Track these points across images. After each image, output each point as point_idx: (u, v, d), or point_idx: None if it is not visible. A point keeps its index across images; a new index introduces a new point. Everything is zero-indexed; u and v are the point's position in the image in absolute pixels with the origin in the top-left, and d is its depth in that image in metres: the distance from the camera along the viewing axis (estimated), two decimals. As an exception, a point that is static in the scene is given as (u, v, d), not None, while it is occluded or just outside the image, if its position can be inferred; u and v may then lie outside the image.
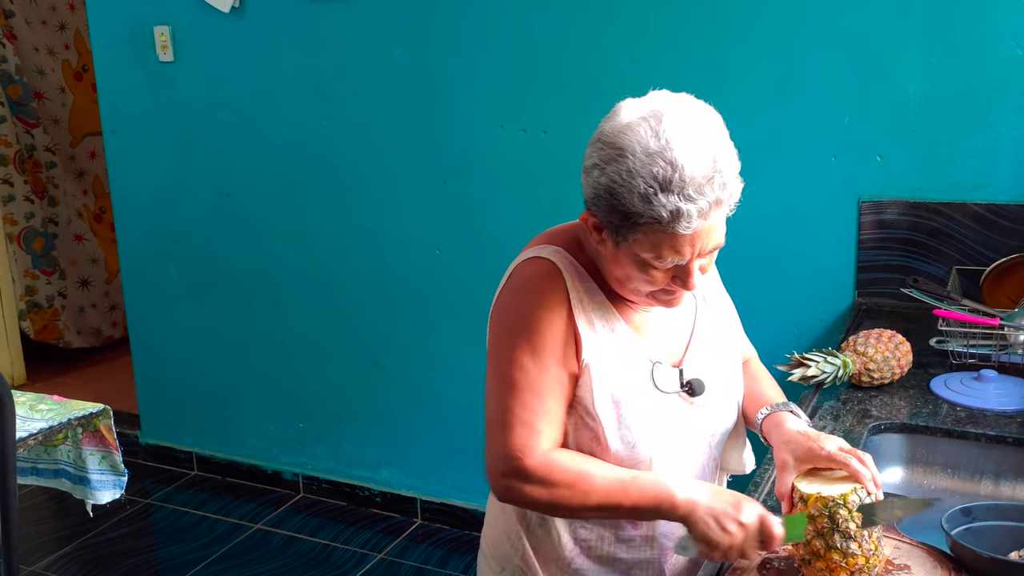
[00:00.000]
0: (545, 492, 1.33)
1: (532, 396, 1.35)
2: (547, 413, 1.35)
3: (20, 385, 4.56)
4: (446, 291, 3.17)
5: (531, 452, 1.33)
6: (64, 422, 2.18)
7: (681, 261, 1.28)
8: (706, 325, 1.51)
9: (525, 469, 1.33)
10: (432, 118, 3.05)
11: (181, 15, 3.35)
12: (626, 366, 1.39)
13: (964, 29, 2.38)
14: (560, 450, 1.37)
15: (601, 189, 1.27)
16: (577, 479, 1.32)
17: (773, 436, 1.44)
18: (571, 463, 1.34)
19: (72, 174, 4.94)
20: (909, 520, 1.36)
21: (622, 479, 1.32)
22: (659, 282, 1.32)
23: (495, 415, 1.37)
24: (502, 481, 1.35)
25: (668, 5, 2.67)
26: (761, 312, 2.66)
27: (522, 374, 1.35)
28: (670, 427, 1.41)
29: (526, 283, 1.40)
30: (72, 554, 3.26)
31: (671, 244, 1.26)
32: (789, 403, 1.51)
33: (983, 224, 2.41)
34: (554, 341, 1.36)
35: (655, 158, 1.22)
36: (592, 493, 1.32)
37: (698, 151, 1.23)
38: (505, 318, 1.40)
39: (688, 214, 1.22)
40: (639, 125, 1.24)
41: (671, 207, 1.22)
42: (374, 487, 3.48)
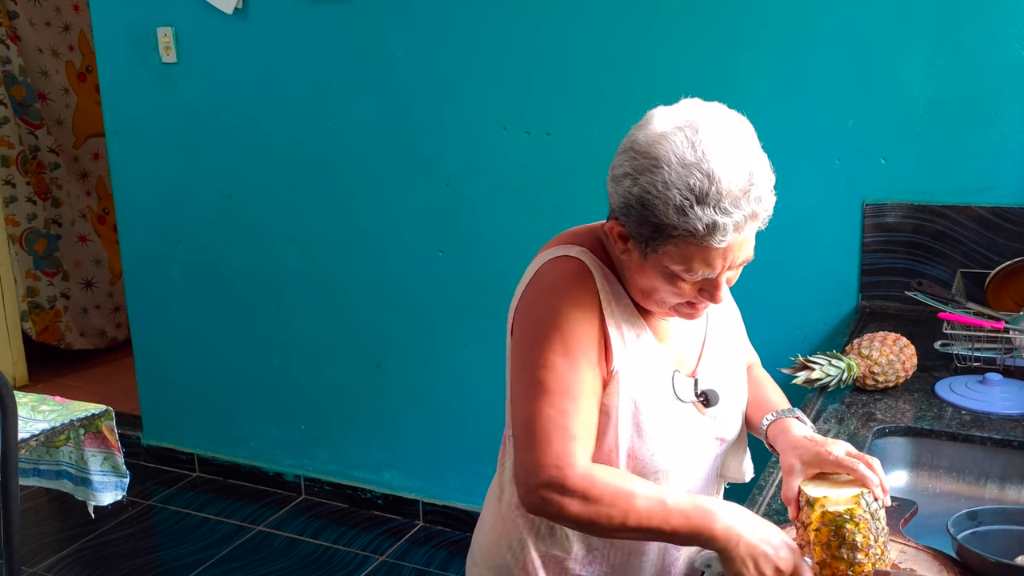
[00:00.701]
0: (584, 508, 1.26)
1: (567, 399, 1.28)
2: (583, 417, 1.29)
3: (22, 386, 4.56)
4: (448, 293, 3.17)
5: (572, 463, 1.26)
6: (66, 423, 2.17)
7: (711, 274, 1.27)
8: (717, 334, 1.50)
9: (564, 482, 1.25)
10: (435, 120, 3.05)
11: (184, 16, 3.35)
12: (649, 374, 1.37)
13: (969, 32, 2.37)
14: (599, 465, 1.31)
15: (633, 199, 1.24)
16: (618, 497, 1.25)
17: (779, 441, 1.42)
18: (612, 479, 1.27)
19: (75, 175, 4.94)
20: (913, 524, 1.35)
21: (664, 502, 1.25)
22: (686, 294, 1.30)
23: (528, 422, 1.29)
24: (539, 493, 1.27)
25: (673, 7, 2.66)
26: (765, 315, 2.65)
27: (554, 377, 1.29)
28: (684, 437, 1.40)
29: (555, 282, 1.34)
30: (74, 555, 3.25)
31: (703, 257, 1.24)
32: (794, 409, 1.49)
33: (988, 227, 2.41)
34: (586, 342, 1.31)
35: (691, 169, 1.19)
36: (632, 514, 1.25)
37: (735, 163, 1.21)
38: (532, 319, 1.34)
39: (724, 227, 1.20)
40: (674, 135, 1.22)
41: (707, 220, 1.19)
42: (376, 489, 3.47)
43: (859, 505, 1.25)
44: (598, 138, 2.82)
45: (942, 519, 1.38)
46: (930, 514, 1.51)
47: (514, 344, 1.37)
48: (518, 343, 1.36)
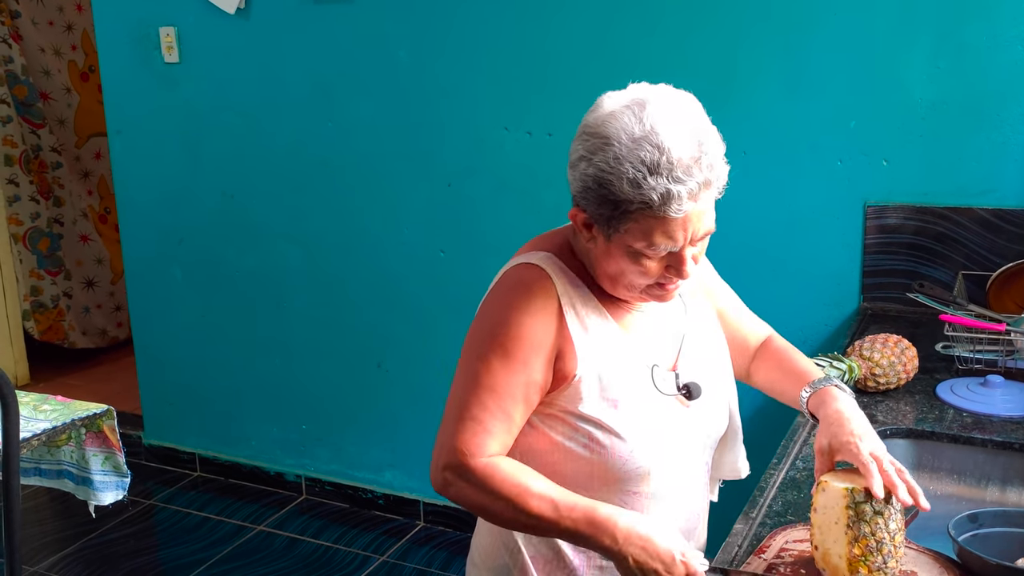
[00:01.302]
0: (480, 497, 1.33)
1: (492, 397, 1.34)
2: (503, 417, 1.34)
3: (24, 385, 4.57)
4: (449, 293, 3.17)
5: (477, 451, 1.33)
6: (67, 423, 2.17)
7: (674, 247, 1.28)
8: (697, 329, 1.50)
9: (467, 467, 1.33)
10: (436, 120, 3.05)
11: (187, 16, 3.35)
12: (623, 369, 1.38)
13: (971, 33, 2.37)
14: (506, 458, 1.36)
15: (590, 180, 1.28)
16: (514, 494, 1.31)
17: (820, 413, 1.42)
18: (513, 475, 1.33)
19: (77, 174, 4.94)
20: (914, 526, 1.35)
21: (557, 506, 1.31)
22: (653, 273, 1.31)
23: (452, 408, 1.37)
24: (443, 473, 1.35)
25: (674, 8, 2.66)
26: (766, 316, 2.63)
27: (488, 373, 1.34)
28: (668, 432, 1.40)
29: (511, 288, 1.39)
30: (75, 555, 3.26)
31: (663, 229, 1.26)
32: (831, 378, 1.48)
33: (989, 229, 2.41)
34: (529, 349, 1.34)
35: (641, 143, 1.23)
36: (523, 512, 1.31)
37: (683, 134, 1.24)
38: (484, 319, 1.40)
39: (678, 195, 1.23)
40: (622, 113, 1.26)
41: (661, 189, 1.22)
42: (377, 489, 3.48)
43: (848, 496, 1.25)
44: (600, 139, 2.81)
45: (943, 521, 1.38)
46: (931, 516, 1.51)
47: (465, 338, 1.43)
48: (469, 336, 1.42)
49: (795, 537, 1.42)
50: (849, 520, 1.25)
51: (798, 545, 1.39)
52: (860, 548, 1.25)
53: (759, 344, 1.63)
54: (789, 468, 1.65)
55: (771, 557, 1.37)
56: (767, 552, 1.38)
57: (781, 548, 1.39)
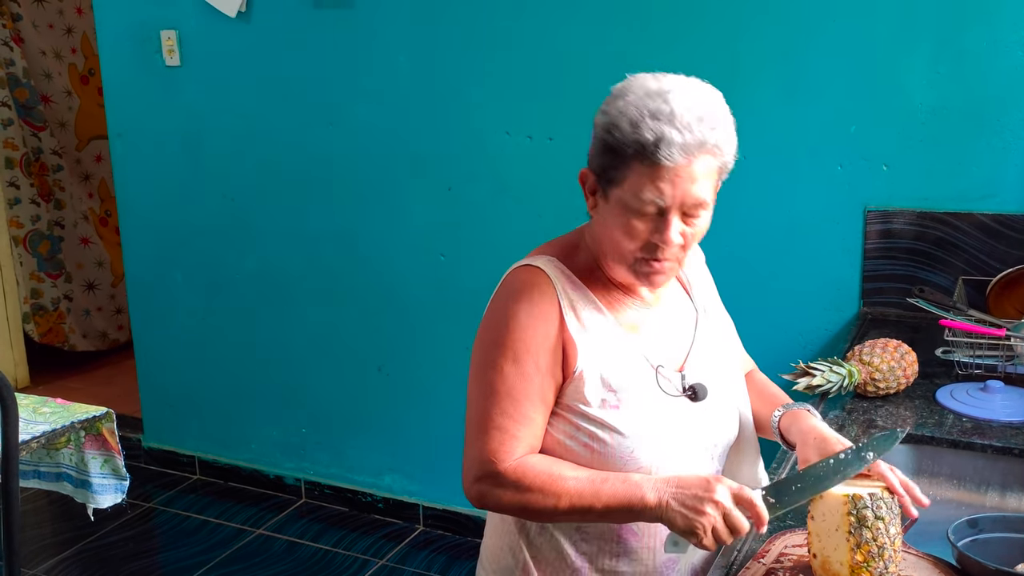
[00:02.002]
0: (517, 496, 1.34)
1: (510, 402, 1.36)
2: (525, 419, 1.36)
3: (23, 388, 4.56)
4: (450, 297, 3.17)
5: (505, 456, 1.35)
6: (67, 425, 2.17)
7: (660, 200, 1.29)
8: (706, 335, 1.51)
9: (498, 473, 1.34)
10: (437, 124, 3.06)
11: (188, 19, 3.35)
12: (625, 367, 1.39)
13: (972, 38, 2.37)
14: (534, 455, 1.37)
15: (599, 129, 1.33)
16: (548, 482, 1.32)
17: (792, 432, 1.45)
18: (543, 466, 1.34)
19: (78, 177, 4.95)
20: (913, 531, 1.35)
21: (593, 480, 1.32)
22: (640, 234, 1.32)
23: (473, 420, 1.39)
24: (475, 486, 1.37)
25: (674, 12, 2.66)
26: (766, 321, 2.65)
27: (502, 380, 1.37)
28: (672, 431, 1.40)
29: (513, 291, 1.41)
30: (73, 558, 3.25)
31: (652, 178, 1.28)
32: (804, 403, 1.52)
33: (990, 234, 2.41)
34: (537, 349, 1.36)
35: (652, 95, 1.29)
36: (563, 496, 1.32)
37: (694, 100, 1.29)
38: (490, 325, 1.42)
39: (671, 140, 1.26)
40: (645, 77, 1.34)
41: (657, 131, 1.26)
42: (376, 493, 3.47)
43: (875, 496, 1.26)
44: (600, 143, 2.81)
45: (942, 526, 1.38)
46: (930, 521, 1.51)
47: (473, 347, 1.45)
48: (476, 346, 1.44)
49: (794, 542, 1.42)
50: (851, 527, 1.25)
51: (797, 550, 1.39)
52: (862, 554, 1.25)
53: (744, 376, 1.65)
54: (789, 472, 1.64)
55: (770, 562, 1.37)
56: (766, 557, 1.38)
57: (780, 553, 1.39)
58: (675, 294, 1.51)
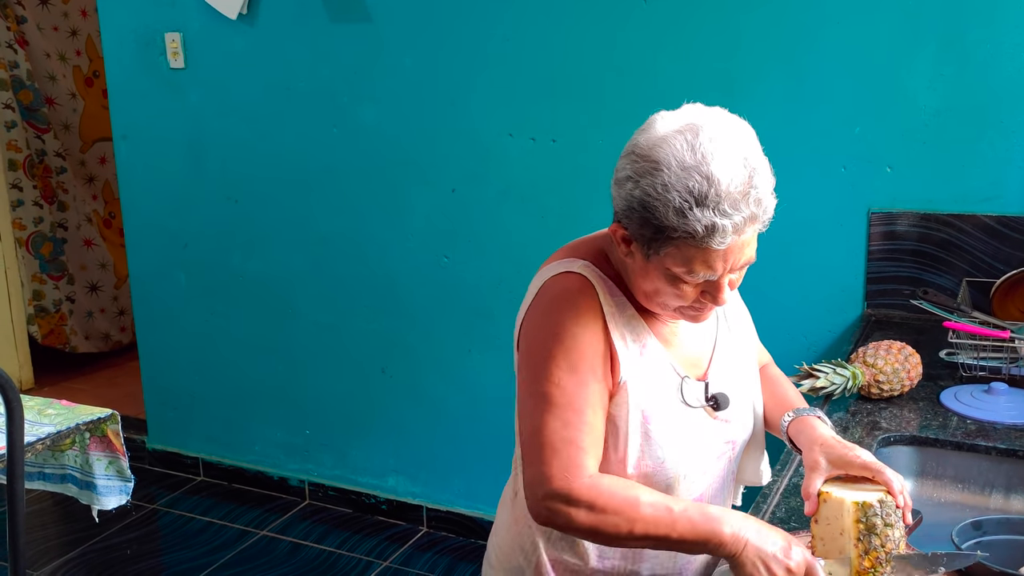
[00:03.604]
0: (591, 518, 1.27)
1: (572, 413, 1.30)
2: (588, 428, 1.31)
3: (28, 389, 4.57)
4: (454, 299, 3.17)
5: (577, 474, 1.28)
6: (72, 427, 2.18)
7: (712, 276, 1.27)
8: (728, 339, 1.50)
9: (570, 492, 1.27)
10: (441, 126, 3.06)
11: (192, 22, 3.36)
12: (657, 381, 1.38)
13: (975, 40, 2.37)
14: (605, 475, 1.32)
15: (635, 202, 1.25)
16: (624, 506, 1.27)
17: (801, 438, 1.43)
18: (618, 488, 1.28)
19: (82, 179, 4.95)
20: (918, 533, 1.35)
21: (670, 509, 1.27)
22: (689, 297, 1.30)
23: (535, 435, 1.31)
24: (546, 504, 1.29)
25: (678, 15, 2.67)
26: (770, 322, 2.64)
27: (560, 391, 1.31)
28: (695, 442, 1.40)
29: (558, 298, 1.36)
30: (78, 559, 3.26)
31: (703, 259, 1.25)
32: (815, 408, 1.50)
33: (993, 236, 2.40)
34: (591, 356, 1.32)
35: (691, 172, 1.21)
36: (638, 522, 1.27)
37: (734, 166, 1.22)
38: (537, 335, 1.36)
39: (723, 229, 1.21)
40: (675, 138, 1.23)
41: (706, 222, 1.21)
42: (380, 494, 3.48)
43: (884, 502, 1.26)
44: (603, 145, 2.82)
45: (947, 529, 1.38)
46: (935, 523, 1.51)
47: (521, 360, 1.39)
48: (524, 359, 1.37)
49: (807, 541, 1.41)
50: (860, 534, 1.25)
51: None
52: (871, 561, 1.25)
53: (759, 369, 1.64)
54: (792, 475, 1.65)
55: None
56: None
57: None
58: None
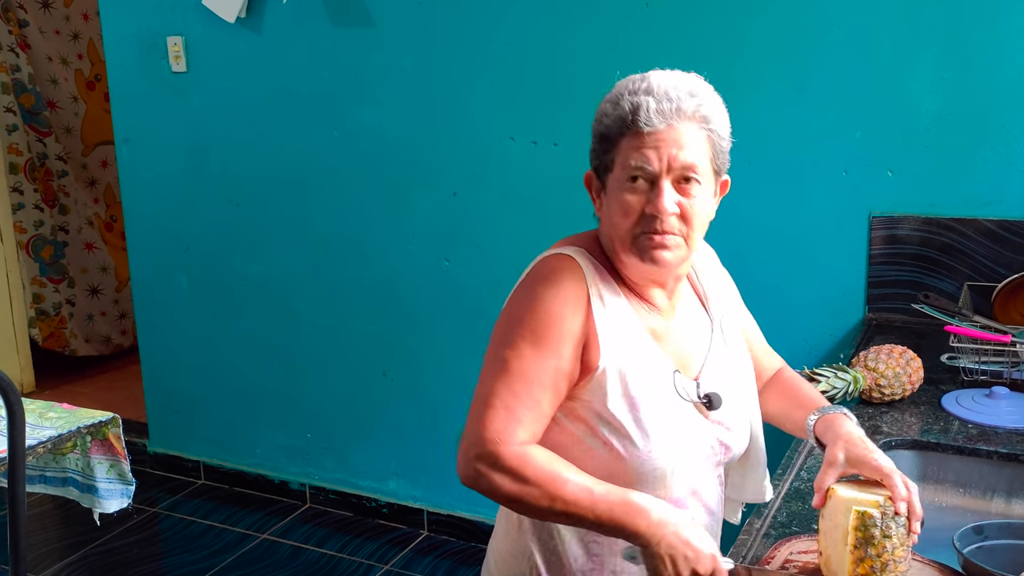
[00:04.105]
0: (513, 486, 1.30)
1: (522, 384, 1.33)
2: (533, 404, 1.33)
3: (29, 393, 4.57)
4: (455, 302, 3.17)
5: (509, 440, 1.31)
6: (73, 430, 2.18)
7: (648, 165, 1.32)
8: (722, 349, 1.51)
9: (498, 456, 1.31)
10: (442, 129, 3.06)
11: (194, 26, 3.36)
12: (645, 369, 1.39)
13: (976, 44, 2.37)
14: (537, 447, 1.34)
15: (593, 124, 1.40)
16: (547, 480, 1.30)
17: (829, 434, 1.42)
18: (546, 462, 1.31)
19: (83, 183, 4.96)
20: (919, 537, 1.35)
21: (591, 490, 1.30)
22: (634, 207, 1.34)
23: (481, 397, 1.35)
24: (474, 464, 1.32)
25: (679, 18, 2.67)
26: (771, 326, 2.63)
27: (518, 360, 1.34)
28: (685, 436, 1.40)
29: (543, 276, 1.39)
30: (79, 562, 3.26)
31: (636, 147, 1.33)
32: (841, 406, 1.50)
33: (995, 240, 2.41)
34: (560, 337, 1.35)
35: (635, 80, 1.37)
36: (559, 499, 1.29)
37: (675, 78, 1.36)
38: (515, 306, 1.39)
39: (647, 106, 1.32)
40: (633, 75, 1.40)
41: (634, 102, 1.33)
42: (381, 498, 3.47)
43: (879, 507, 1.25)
44: (605, 149, 2.82)
45: (948, 533, 1.38)
46: (936, 528, 1.51)
47: (495, 325, 1.42)
48: (497, 326, 1.41)
49: (800, 548, 1.42)
50: (856, 541, 1.25)
51: (803, 556, 1.39)
52: (865, 568, 1.25)
53: (771, 375, 1.64)
54: (794, 479, 1.65)
55: (776, 567, 1.37)
56: (772, 563, 1.38)
57: (786, 559, 1.39)
58: (691, 305, 1.50)
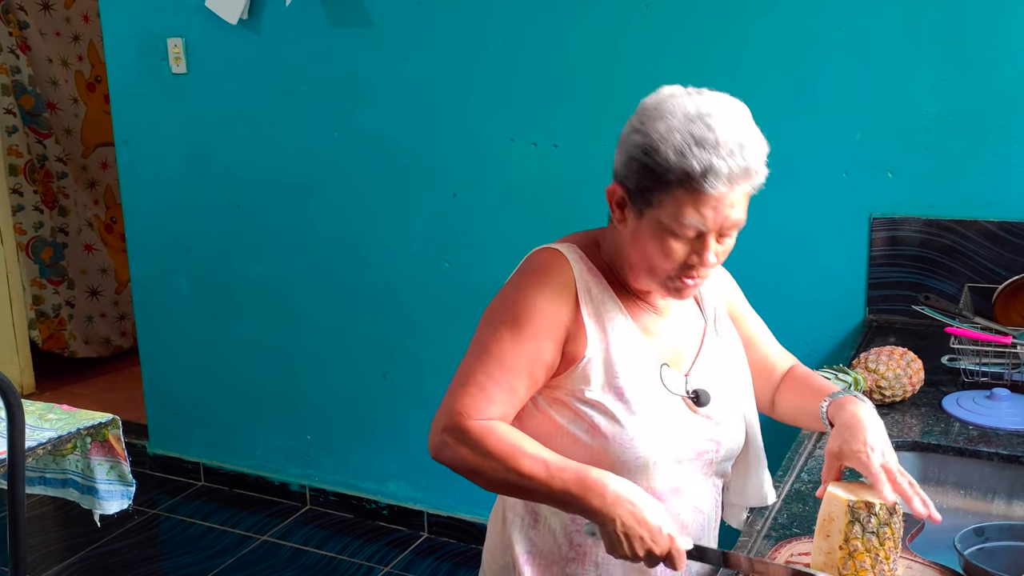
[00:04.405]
0: (474, 458, 1.33)
1: (498, 367, 1.36)
2: (507, 386, 1.36)
3: (29, 394, 4.57)
4: (455, 304, 3.17)
5: (475, 414, 1.34)
6: (73, 432, 2.18)
7: (702, 226, 1.30)
8: (715, 345, 1.51)
9: (463, 428, 1.34)
10: (442, 130, 3.06)
11: (195, 27, 3.37)
12: (632, 361, 1.40)
13: (976, 46, 2.38)
14: (503, 423, 1.36)
15: (637, 150, 1.31)
16: (507, 454, 1.32)
17: (837, 420, 1.41)
18: (507, 436, 1.33)
19: (83, 184, 4.96)
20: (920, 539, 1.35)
21: (548, 465, 1.31)
22: (677, 256, 1.33)
23: (459, 375, 1.39)
24: (440, 435, 1.36)
25: (679, 20, 2.67)
26: (772, 328, 2.63)
27: (496, 343, 1.37)
28: (672, 428, 1.41)
29: (530, 269, 1.43)
30: (79, 564, 3.26)
31: (695, 205, 1.28)
32: (852, 391, 1.50)
33: (995, 241, 2.41)
34: (543, 326, 1.37)
35: (694, 120, 1.29)
36: (514, 472, 1.32)
37: (733, 123, 1.30)
38: (501, 297, 1.43)
39: (718, 170, 1.26)
40: (681, 95, 1.34)
41: (705, 161, 1.26)
42: (381, 500, 3.47)
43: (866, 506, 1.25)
44: (604, 150, 2.81)
45: (949, 535, 1.38)
46: (937, 529, 1.50)
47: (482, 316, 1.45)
48: (484, 314, 1.45)
49: (801, 550, 1.41)
50: (847, 535, 1.26)
51: (803, 558, 1.39)
52: (854, 565, 1.26)
53: (784, 373, 1.63)
54: (794, 481, 1.64)
55: (777, 570, 1.36)
56: (773, 565, 1.38)
57: (786, 561, 1.39)
58: (685, 304, 1.51)
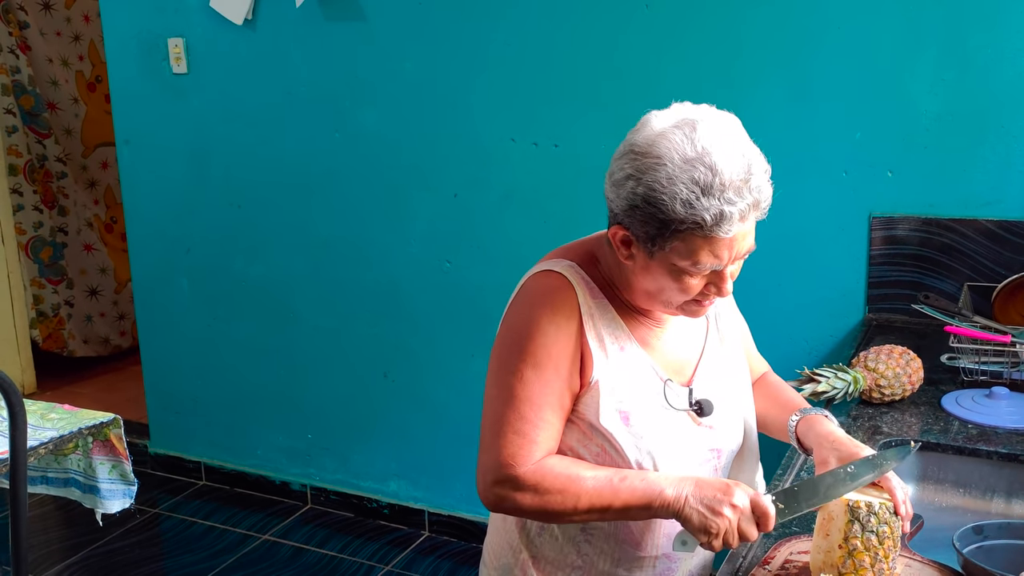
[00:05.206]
0: (536, 499, 1.33)
1: (529, 407, 1.35)
2: (544, 423, 1.35)
3: (30, 394, 4.57)
4: (456, 304, 3.17)
5: (523, 460, 1.34)
6: (75, 431, 2.18)
7: (718, 266, 1.29)
8: (717, 348, 1.51)
9: (516, 477, 1.33)
10: (443, 131, 3.06)
11: (195, 27, 3.37)
12: (636, 382, 1.39)
13: (976, 45, 2.38)
14: (552, 457, 1.36)
15: (638, 199, 1.27)
16: (567, 483, 1.32)
17: (810, 436, 1.45)
18: (561, 468, 1.34)
19: (84, 184, 4.96)
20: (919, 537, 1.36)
21: (611, 479, 1.32)
22: (693, 290, 1.32)
23: (491, 424, 1.37)
24: (493, 490, 1.35)
25: (679, 20, 2.67)
26: (771, 327, 2.65)
27: (522, 385, 1.35)
28: (677, 446, 1.41)
29: (536, 296, 1.40)
30: (80, 563, 3.26)
31: (710, 249, 1.27)
32: (821, 408, 1.52)
33: (995, 240, 2.41)
34: (558, 356, 1.36)
35: (694, 163, 1.23)
36: (582, 496, 1.32)
37: (733, 155, 1.24)
38: (511, 329, 1.40)
39: (730, 216, 1.23)
40: (673, 133, 1.26)
41: (714, 210, 1.23)
42: (382, 499, 3.48)
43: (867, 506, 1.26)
44: (606, 149, 2.79)
45: (948, 533, 1.38)
46: (936, 528, 1.51)
47: (493, 351, 1.43)
48: (495, 351, 1.42)
49: (799, 549, 1.42)
50: (847, 535, 1.27)
51: (802, 557, 1.39)
52: (853, 564, 1.26)
53: (757, 379, 1.65)
54: (793, 480, 1.65)
55: (775, 568, 1.37)
56: (771, 563, 1.39)
57: (785, 560, 1.39)
58: None
